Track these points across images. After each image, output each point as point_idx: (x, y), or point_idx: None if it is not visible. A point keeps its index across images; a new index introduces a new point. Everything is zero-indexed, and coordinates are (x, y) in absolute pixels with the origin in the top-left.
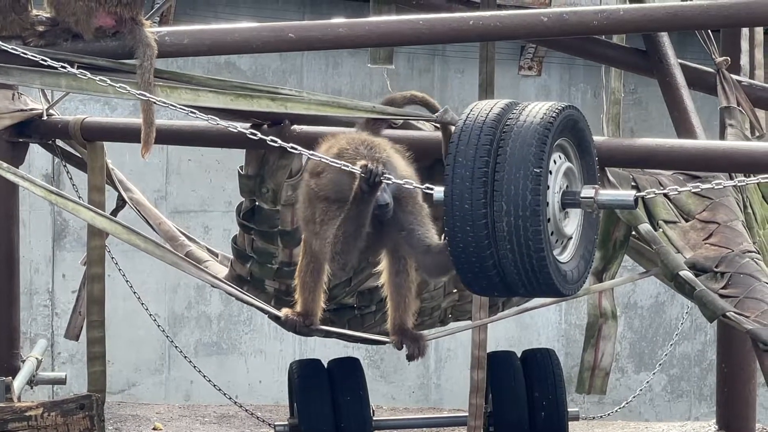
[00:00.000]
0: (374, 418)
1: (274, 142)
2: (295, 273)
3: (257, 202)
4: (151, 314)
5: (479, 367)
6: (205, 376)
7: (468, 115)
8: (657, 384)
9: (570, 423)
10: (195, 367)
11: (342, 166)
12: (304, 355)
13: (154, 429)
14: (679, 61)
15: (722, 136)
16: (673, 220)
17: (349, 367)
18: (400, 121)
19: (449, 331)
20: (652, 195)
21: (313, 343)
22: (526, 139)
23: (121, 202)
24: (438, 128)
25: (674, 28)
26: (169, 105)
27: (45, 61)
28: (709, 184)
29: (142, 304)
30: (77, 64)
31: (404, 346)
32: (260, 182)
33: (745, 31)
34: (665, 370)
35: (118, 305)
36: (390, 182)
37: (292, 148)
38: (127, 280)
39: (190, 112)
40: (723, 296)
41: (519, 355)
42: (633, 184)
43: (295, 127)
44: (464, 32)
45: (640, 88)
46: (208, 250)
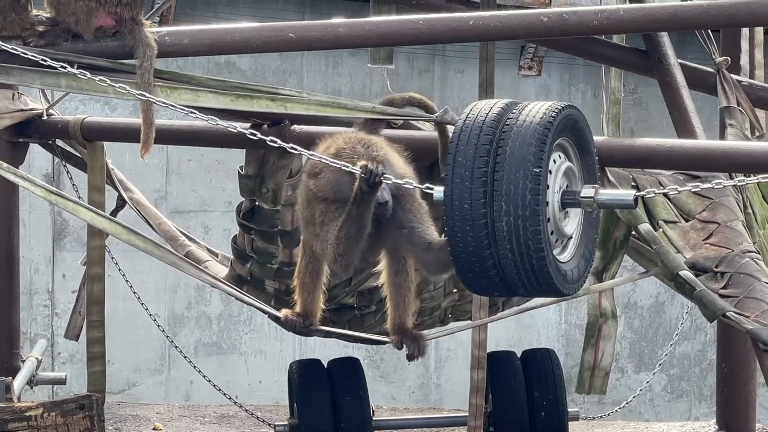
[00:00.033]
0: (374, 418)
1: (274, 142)
2: (294, 273)
3: (257, 202)
4: (151, 314)
5: (479, 367)
6: (205, 376)
7: (468, 115)
8: (657, 384)
9: (570, 423)
10: (195, 367)
11: (342, 167)
12: (304, 355)
13: (154, 429)
14: (679, 61)
15: (722, 136)
16: (673, 220)
17: (349, 367)
18: (400, 121)
19: (449, 331)
20: (652, 195)
21: (313, 343)
22: (526, 138)
23: (121, 202)
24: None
25: (674, 28)
26: (169, 105)
27: (45, 61)
28: (709, 184)
29: (142, 304)
30: (77, 64)
31: (404, 345)
32: (260, 182)
33: (745, 31)
34: (665, 370)
35: (118, 305)
36: (390, 182)
37: (291, 148)
38: (127, 280)
39: (190, 113)
40: (723, 296)
41: (519, 355)
42: (633, 183)
43: (295, 128)
44: (464, 32)
45: (640, 88)
46: (208, 250)
